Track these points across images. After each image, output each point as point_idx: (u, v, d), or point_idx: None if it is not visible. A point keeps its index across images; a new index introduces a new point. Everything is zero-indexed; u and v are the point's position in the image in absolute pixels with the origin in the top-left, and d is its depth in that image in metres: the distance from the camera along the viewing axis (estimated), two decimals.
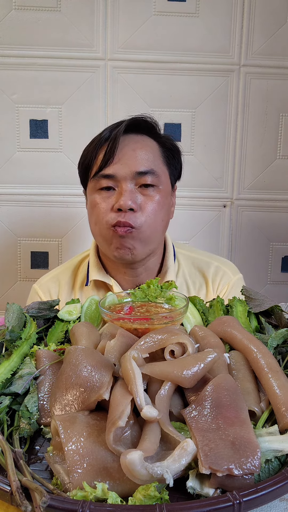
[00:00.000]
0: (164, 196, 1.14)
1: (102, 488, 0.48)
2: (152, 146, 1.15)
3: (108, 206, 1.10)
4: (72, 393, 0.62)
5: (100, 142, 1.11)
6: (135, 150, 1.10)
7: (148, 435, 0.54)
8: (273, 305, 0.89)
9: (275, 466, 0.53)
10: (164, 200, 1.14)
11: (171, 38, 1.68)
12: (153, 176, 1.11)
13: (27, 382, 0.67)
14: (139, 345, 0.66)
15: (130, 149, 1.10)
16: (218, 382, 0.60)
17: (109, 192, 1.11)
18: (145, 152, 1.11)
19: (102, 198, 1.11)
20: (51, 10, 1.63)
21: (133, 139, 1.13)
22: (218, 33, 1.69)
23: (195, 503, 0.46)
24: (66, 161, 1.73)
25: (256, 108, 1.75)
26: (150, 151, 1.13)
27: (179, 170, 1.23)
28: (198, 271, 1.27)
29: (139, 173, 1.09)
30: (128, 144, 1.11)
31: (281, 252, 1.87)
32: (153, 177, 1.10)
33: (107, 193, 1.11)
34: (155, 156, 1.13)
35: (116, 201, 1.09)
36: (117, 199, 1.09)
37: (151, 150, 1.13)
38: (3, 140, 1.71)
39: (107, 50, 1.67)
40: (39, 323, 0.90)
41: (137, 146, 1.11)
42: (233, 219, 1.83)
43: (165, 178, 1.15)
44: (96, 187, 1.12)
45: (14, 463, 0.52)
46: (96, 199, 1.12)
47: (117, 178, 1.09)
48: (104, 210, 1.10)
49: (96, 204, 1.12)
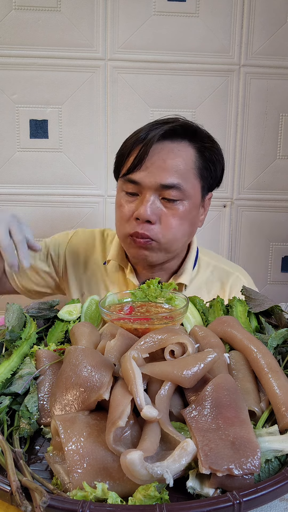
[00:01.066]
0: (189, 209, 1.09)
1: (102, 488, 0.48)
2: (187, 157, 1.08)
3: (130, 212, 1.08)
4: (72, 393, 0.62)
5: (136, 142, 1.07)
6: (165, 160, 1.05)
7: (148, 435, 0.54)
8: (273, 305, 0.89)
9: (275, 466, 0.53)
10: (188, 213, 1.10)
11: (171, 38, 1.68)
12: (178, 191, 1.06)
13: (27, 382, 0.67)
14: (139, 345, 0.66)
15: (161, 159, 1.05)
16: (218, 382, 0.60)
17: (133, 197, 1.09)
18: (176, 164, 1.06)
19: (126, 201, 1.10)
20: (51, 10, 1.63)
21: (168, 146, 1.07)
22: (218, 33, 1.68)
23: (195, 503, 0.46)
24: (66, 161, 1.73)
25: (256, 108, 1.75)
26: (183, 163, 1.07)
27: (217, 179, 1.17)
28: (217, 280, 1.26)
29: (164, 186, 1.05)
30: (160, 152, 1.06)
31: (281, 252, 1.87)
32: (177, 192, 1.06)
33: (131, 198, 1.09)
34: (187, 168, 1.07)
35: (136, 209, 1.07)
36: (137, 207, 1.07)
37: (183, 162, 1.07)
38: (3, 140, 1.71)
39: (107, 50, 1.67)
40: (39, 323, 0.90)
41: (169, 156, 1.06)
42: (233, 219, 1.83)
43: (193, 192, 1.09)
44: (123, 188, 1.11)
45: (14, 463, 0.52)
46: (121, 199, 1.11)
47: (142, 186, 1.06)
48: (125, 216, 1.09)
49: (120, 205, 1.11)
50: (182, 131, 1.08)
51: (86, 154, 1.73)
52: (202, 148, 1.11)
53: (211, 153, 1.12)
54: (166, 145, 1.07)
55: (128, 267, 1.20)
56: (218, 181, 1.19)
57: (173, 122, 1.09)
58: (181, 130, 1.08)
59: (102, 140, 1.73)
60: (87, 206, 1.77)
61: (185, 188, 1.07)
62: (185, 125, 1.09)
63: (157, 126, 1.07)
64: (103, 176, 1.75)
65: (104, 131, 1.72)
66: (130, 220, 1.08)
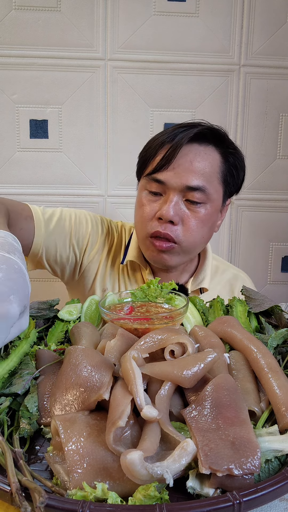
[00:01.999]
0: (210, 213, 1.11)
1: (102, 488, 0.48)
2: (213, 160, 1.09)
3: (152, 212, 1.09)
4: (72, 393, 0.62)
5: (164, 142, 1.08)
6: (192, 162, 1.06)
7: (148, 435, 0.54)
8: (273, 305, 0.89)
9: (275, 466, 0.53)
10: (210, 217, 1.11)
11: (171, 38, 1.68)
12: (203, 194, 1.07)
13: (27, 382, 0.67)
14: (139, 345, 0.66)
15: (188, 160, 1.06)
16: (218, 382, 0.60)
17: (156, 197, 1.10)
18: (203, 167, 1.07)
19: (148, 200, 1.10)
20: (51, 10, 1.63)
21: (195, 149, 1.08)
22: (218, 33, 1.69)
23: (195, 503, 0.46)
24: (66, 161, 1.73)
25: (256, 108, 1.75)
26: (209, 166, 1.08)
27: (238, 185, 1.19)
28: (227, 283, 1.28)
29: (189, 187, 1.06)
30: (188, 154, 1.07)
31: (281, 252, 1.87)
32: (202, 195, 1.07)
33: (154, 197, 1.10)
34: (212, 172, 1.09)
35: (159, 208, 1.07)
36: (160, 207, 1.07)
37: (210, 165, 1.08)
38: (3, 140, 1.71)
39: (107, 50, 1.67)
40: (39, 323, 0.90)
41: (196, 159, 1.07)
42: (233, 219, 1.83)
43: (216, 196, 1.11)
44: (146, 187, 1.11)
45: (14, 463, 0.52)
46: (143, 199, 1.12)
47: (167, 186, 1.07)
48: (148, 215, 1.09)
49: (142, 205, 1.11)
50: (211, 135, 1.10)
51: (86, 154, 1.73)
52: (226, 153, 1.12)
53: (235, 159, 1.14)
54: (194, 148, 1.08)
55: (148, 267, 1.20)
56: (238, 187, 1.20)
57: (200, 125, 1.10)
58: (210, 134, 1.09)
59: (102, 140, 1.73)
60: (87, 206, 1.77)
61: (210, 191, 1.08)
62: (213, 129, 1.11)
63: (185, 129, 1.08)
64: (103, 176, 1.75)
65: (104, 131, 1.72)
66: (152, 220, 1.09)
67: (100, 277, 1.24)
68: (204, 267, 1.23)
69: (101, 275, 1.24)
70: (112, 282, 1.24)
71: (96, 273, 1.24)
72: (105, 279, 1.24)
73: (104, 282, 1.24)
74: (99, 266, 1.24)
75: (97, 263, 1.24)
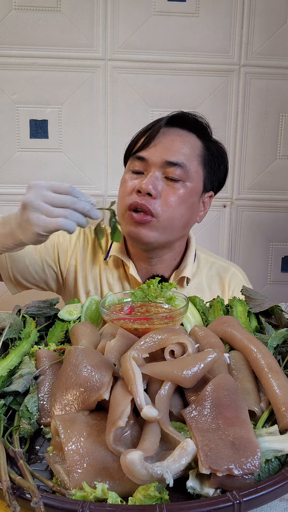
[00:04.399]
0: (189, 193, 1.12)
1: (102, 488, 0.48)
2: (194, 144, 1.14)
3: (132, 186, 1.12)
4: (72, 393, 0.62)
5: (146, 129, 1.14)
6: (173, 141, 1.11)
7: (148, 435, 0.54)
8: (273, 305, 0.89)
9: (275, 466, 0.53)
10: (188, 197, 1.12)
11: (171, 38, 1.68)
12: (182, 170, 1.10)
13: (28, 381, 0.67)
14: (139, 345, 0.66)
15: (169, 139, 1.11)
16: (218, 382, 0.60)
17: (138, 175, 1.13)
18: (183, 146, 1.11)
19: (130, 177, 1.13)
20: (51, 10, 1.63)
21: (177, 132, 1.13)
22: (218, 33, 1.68)
23: (195, 503, 0.46)
24: (66, 161, 1.73)
25: (256, 108, 1.75)
26: (189, 147, 1.12)
27: (220, 178, 1.22)
28: (216, 276, 1.28)
29: (169, 162, 1.09)
30: (170, 134, 1.12)
31: (281, 252, 1.87)
32: (181, 171, 1.10)
33: (136, 175, 1.13)
34: (192, 153, 1.12)
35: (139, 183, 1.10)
36: (140, 181, 1.10)
37: (190, 146, 1.12)
38: (3, 140, 1.71)
39: (107, 50, 1.67)
40: (39, 321, 0.90)
41: (177, 139, 1.12)
42: (233, 219, 1.83)
43: (196, 177, 1.13)
44: (130, 168, 1.15)
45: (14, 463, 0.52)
46: (125, 177, 1.15)
47: (148, 163, 1.11)
48: (127, 190, 1.12)
49: (124, 182, 1.15)
50: (193, 123, 1.15)
51: (86, 154, 1.73)
52: (208, 143, 1.17)
53: (218, 151, 1.18)
54: (176, 131, 1.14)
55: (130, 262, 1.20)
56: (220, 182, 1.23)
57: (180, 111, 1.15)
58: (193, 121, 1.15)
59: (102, 140, 1.73)
60: None
61: (189, 169, 1.11)
62: (198, 119, 1.16)
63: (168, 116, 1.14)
64: (103, 176, 1.75)
65: (104, 131, 1.72)
66: (132, 193, 1.11)
67: (81, 279, 1.24)
68: (186, 257, 1.24)
69: (82, 277, 1.24)
70: (94, 281, 1.24)
71: (76, 276, 1.24)
72: (86, 280, 1.24)
73: (86, 282, 1.24)
74: (76, 268, 1.24)
75: (73, 267, 1.25)
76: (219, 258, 1.35)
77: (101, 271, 1.25)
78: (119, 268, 1.24)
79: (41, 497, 0.45)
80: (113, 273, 1.24)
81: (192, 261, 1.24)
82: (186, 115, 1.15)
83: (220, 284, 1.27)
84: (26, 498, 0.47)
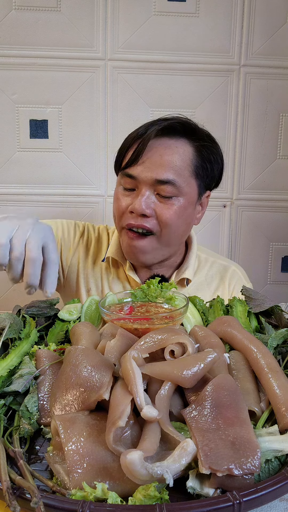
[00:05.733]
0: (184, 207, 1.10)
1: (102, 488, 0.48)
2: (184, 153, 1.09)
3: (126, 206, 1.11)
4: (72, 393, 0.62)
5: (135, 137, 1.10)
6: (162, 156, 1.07)
7: (148, 435, 0.54)
8: (273, 305, 0.89)
9: (275, 466, 0.53)
10: (184, 210, 1.11)
11: (171, 38, 1.68)
12: (173, 187, 1.07)
13: (28, 381, 0.67)
14: (139, 345, 0.66)
15: (157, 154, 1.07)
16: (218, 382, 0.60)
17: (129, 192, 1.11)
18: (173, 160, 1.07)
19: (122, 195, 1.12)
20: (51, 10, 1.63)
21: (165, 143, 1.08)
22: (218, 33, 1.68)
23: (195, 503, 0.46)
24: (66, 161, 1.73)
25: (256, 108, 1.75)
26: (179, 160, 1.08)
27: (215, 179, 1.19)
28: (216, 274, 1.28)
29: (159, 181, 1.06)
30: (158, 148, 1.07)
31: (281, 252, 1.87)
32: (172, 188, 1.07)
33: (128, 192, 1.12)
34: (183, 165, 1.09)
35: (132, 203, 1.09)
36: (133, 201, 1.09)
37: (180, 158, 1.08)
38: (3, 140, 1.70)
39: (107, 50, 1.67)
40: (40, 321, 0.90)
41: (166, 152, 1.07)
42: (233, 219, 1.83)
43: (189, 189, 1.11)
44: (121, 182, 1.13)
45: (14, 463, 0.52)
46: (118, 193, 1.14)
47: (138, 181, 1.08)
48: (121, 209, 1.11)
49: (117, 199, 1.13)
50: (181, 128, 1.10)
51: (86, 154, 1.73)
52: (200, 146, 1.12)
53: (209, 153, 1.14)
54: (164, 141, 1.09)
55: (127, 263, 1.21)
56: (216, 181, 1.21)
57: (172, 119, 1.11)
58: (180, 127, 1.10)
59: (102, 140, 1.73)
60: (87, 206, 1.77)
61: (180, 184, 1.08)
62: (185, 123, 1.11)
63: (157, 123, 1.09)
64: (103, 176, 1.75)
65: (104, 131, 1.72)
66: (126, 213, 1.10)
67: (82, 277, 1.25)
68: (188, 259, 1.24)
69: (83, 275, 1.25)
70: (95, 281, 1.25)
71: (78, 274, 1.26)
72: (87, 278, 1.25)
73: (87, 281, 1.25)
74: (79, 266, 1.26)
75: (76, 265, 1.26)
76: (219, 257, 1.35)
77: (102, 271, 1.25)
78: (119, 269, 1.24)
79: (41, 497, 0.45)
80: (114, 273, 1.24)
81: (193, 262, 1.24)
82: (173, 123, 1.09)
83: (221, 282, 1.27)
84: (26, 498, 0.47)
